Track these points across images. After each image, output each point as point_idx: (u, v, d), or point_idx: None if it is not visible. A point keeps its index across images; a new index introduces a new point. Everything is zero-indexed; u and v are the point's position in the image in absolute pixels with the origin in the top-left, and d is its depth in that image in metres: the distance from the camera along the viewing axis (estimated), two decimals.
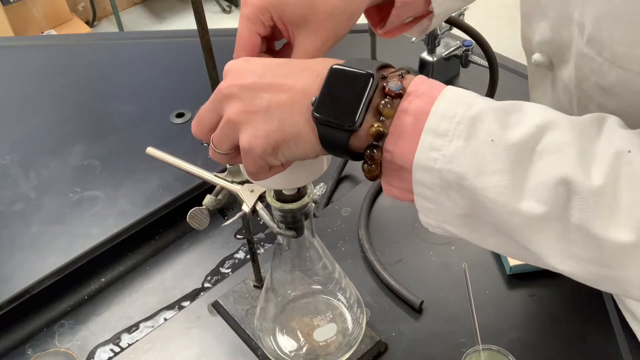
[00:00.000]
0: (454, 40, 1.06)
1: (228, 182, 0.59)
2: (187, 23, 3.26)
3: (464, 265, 0.62)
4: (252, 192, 0.57)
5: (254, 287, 0.75)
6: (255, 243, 0.71)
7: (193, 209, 0.59)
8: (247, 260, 0.82)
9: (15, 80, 1.16)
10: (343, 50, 0.48)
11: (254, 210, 0.57)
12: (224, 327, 0.73)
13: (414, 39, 0.97)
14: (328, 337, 0.65)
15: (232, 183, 0.59)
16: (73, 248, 0.80)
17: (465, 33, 0.91)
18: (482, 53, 0.93)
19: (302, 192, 0.55)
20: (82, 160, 0.94)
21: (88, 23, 3.21)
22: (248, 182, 0.58)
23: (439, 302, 0.74)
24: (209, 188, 0.61)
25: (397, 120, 0.41)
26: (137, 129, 1.00)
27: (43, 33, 2.93)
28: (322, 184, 0.61)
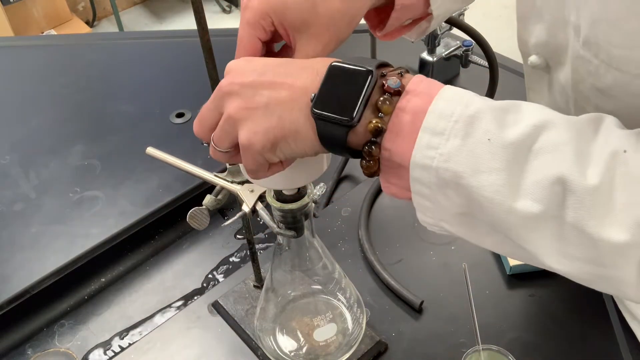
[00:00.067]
0: (454, 40, 1.06)
1: (228, 182, 0.59)
2: (187, 23, 3.26)
3: (464, 265, 0.62)
4: (252, 192, 0.57)
5: (254, 287, 0.75)
6: (255, 243, 0.71)
7: (193, 209, 0.59)
8: (247, 260, 0.82)
9: (15, 80, 1.16)
10: (343, 51, 0.48)
11: (254, 210, 0.57)
12: (224, 327, 0.73)
13: (414, 40, 0.97)
14: (328, 337, 0.65)
15: (232, 183, 0.59)
16: (73, 248, 0.80)
17: (465, 33, 0.91)
18: (482, 53, 0.93)
19: (302, 192, 0.55)
20: (82, 160, 0.94)
21: (88, 23, 3.21)
22: (248, 182, 0.58)
23: (439, 302, 0.74)
24: (209, 188, 0.61)
25: (395, 118, 0.41)
26: (137, 129, 1.00)
27: (43, 33, 2.93)
28: (322, 184, 0.61)
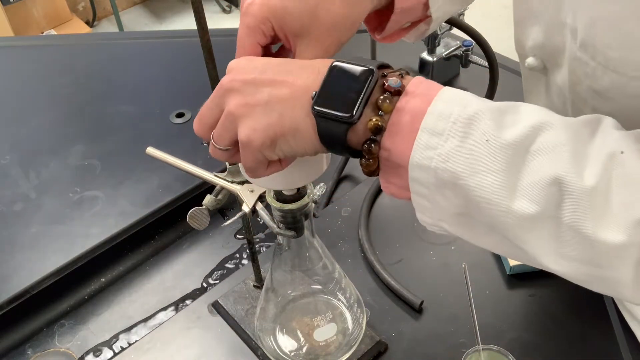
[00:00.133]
0: (454, 40, 1.06)
1: (228, 182, 0.59)
2: (187, 23, 3.26)
3: (464, 265, 0.62)
4: (252, 192, 0.57)
5: (254, 287, 0.75)
6: (255, 243, 0.71)
7: (193, 209, 0.59)
8: (247, 260, 0.82)
9: (15, 80, 1.16)
10: (343, 51, 0.48)
11: (254, 210, 0.57)
12: (224, 327, 0.73)
13: (412, 42, 0.97)
14: (328, 337, 0.65)
15: (232, 183, 0.59)
16: (73, 248, 0.80)
17: (465, 33, 0.91)
18: (482, 53, 0.93)
19: (302, 192, 0.55)
20: (82, 160, 0.94)
21: (88, 23, 3.21)
22: (248, 182, 0.58)
23: (439, 302, 0.74)
24: (209, 188, 0.61)
25: (394, 118, 0.41)
26: (137, 129, 1.00)
27: (43, 33, 2.93)
28: (322, 184, 0.61)
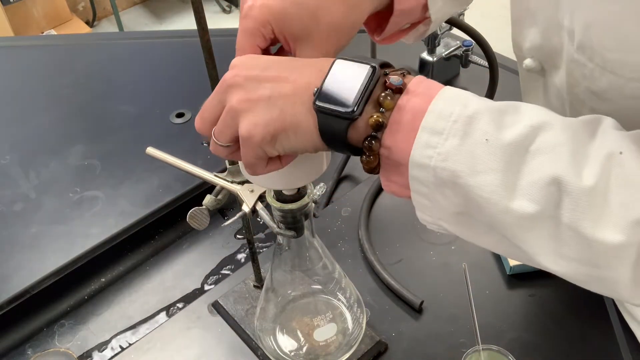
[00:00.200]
0: (454, 40, 1.06)
1: (228, 182, 0.59)
2: (187, 23, 3.26)
3: (464, 265, 0.62)
4: (252, 192, 0.57)
5: (254, 287, 0.75)
6: (255, 243, 0.71)
7: (193, 209, 0.59)
8: (247, 260, 0.82)
9: (15, 80, 1.16)
10: (343, 51, 0.48)
11: (254, 210, 0.57)
12: (224, 327, 0.73)
13: (411, 42, 0.98)
14: (328, 337, 0.65)
15: (232, 183, 0.59)
16: (73, 248, 0.80)
17: (465, 33, 0.91)
18: (482, 53, 0.93)
19: (302, 192, 0.55)
20: (82, 160, 0.94)
21: (88, 23, 3.21)
22: (248, 182, 0.58)
23: (439, 302, 0.74)
24: (209, 188, 0.61)
25: (395, 117, 0.41)
26: (137, 129, 1.00)
27: (43, 33, 2.93)
28: (322, 184, 0.61)
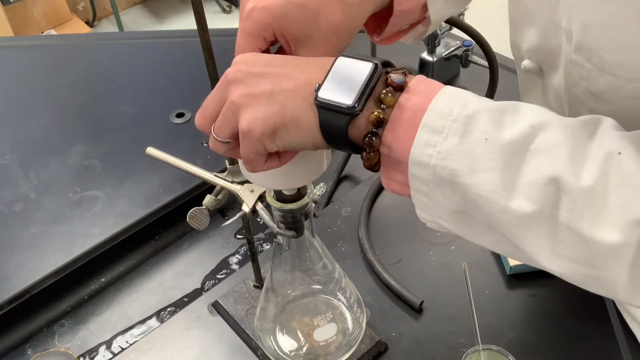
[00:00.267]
0: (454, 40, 1.06)
1: (228, 182, 0.59)
2: (187, 23, 3.26)
3: (464, 265, 0.62)
4: (252, 192, 0.57)
5: (254, 287, 0.75)
6: (255, 243, 0.71)
7: (193, 209, 0.59)
8: (247, 260, 0.82)
9: (15, 80, 1.16)
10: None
11: (254, 210, 0.57)
12: (224, 327, 0.73)
13: (410, 43, 0.98)
14: (328, 337, 0.65)
15: (232, 183, 0.59)
16: (73, 248, 0.80)
17: (465, 33, 0.91)
18: (482, 53, 0.93)
19: (302, 192, 0.55)
20: (82, 160, 0.94)
21: (88, 23, 3.21)
22: (248, 182, 0.58)
23: (439, 302, 0.74)
24: (209, 188, 0.61)
25: (396, 115, 0.41)
26: (137, 129, 1.00)
27: (43, 33, 2.93)
28: (322, 184, 0.61)
